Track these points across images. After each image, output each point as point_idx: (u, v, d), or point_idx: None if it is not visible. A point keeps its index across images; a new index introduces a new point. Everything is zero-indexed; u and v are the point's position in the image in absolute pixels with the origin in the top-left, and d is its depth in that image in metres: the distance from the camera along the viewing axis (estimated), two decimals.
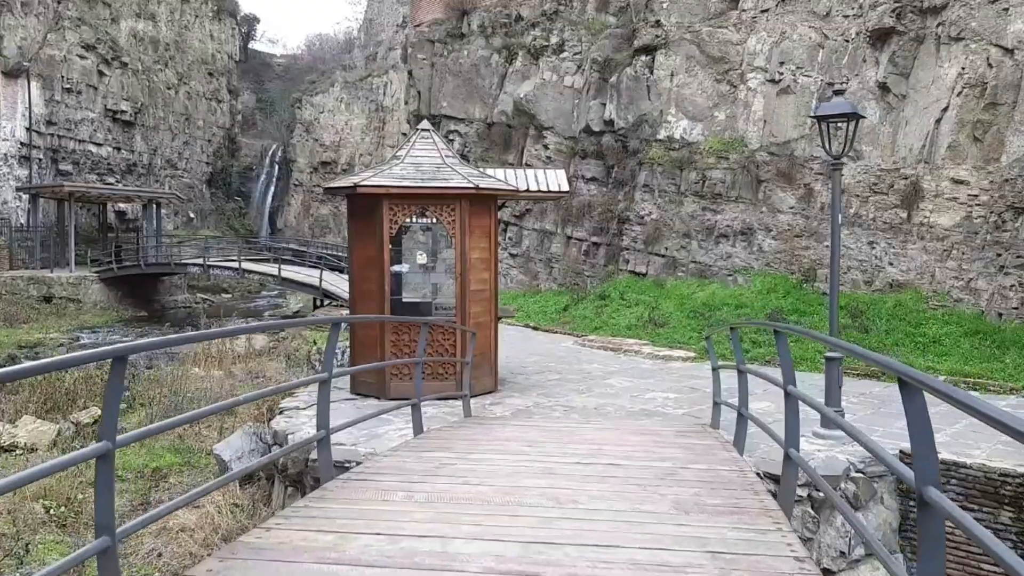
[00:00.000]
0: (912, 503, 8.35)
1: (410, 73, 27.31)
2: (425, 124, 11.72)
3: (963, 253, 14.82)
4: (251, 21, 75.40)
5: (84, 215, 42.42)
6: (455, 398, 9.72)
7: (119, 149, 45.09)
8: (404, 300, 11.71)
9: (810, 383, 11.81)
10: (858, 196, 16.80)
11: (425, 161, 11.00)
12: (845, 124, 8.62)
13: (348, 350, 12.08)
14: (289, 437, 9.23)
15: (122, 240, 41.19)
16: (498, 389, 11.46)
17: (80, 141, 41.70)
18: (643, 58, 21.13)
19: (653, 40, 20.81)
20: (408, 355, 10.90)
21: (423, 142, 11.33)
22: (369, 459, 6.13)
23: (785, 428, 4.88)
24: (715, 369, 8.98)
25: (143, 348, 3.71)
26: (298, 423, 9.74)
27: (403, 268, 11.06)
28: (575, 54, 23.28)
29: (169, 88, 50.69)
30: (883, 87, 16.51)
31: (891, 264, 15.79)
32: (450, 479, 5.20)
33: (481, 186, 10.48)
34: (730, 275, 18.64)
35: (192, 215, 52.32)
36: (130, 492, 12.59)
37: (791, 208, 18.07)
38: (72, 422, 15.03)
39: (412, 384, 10.79)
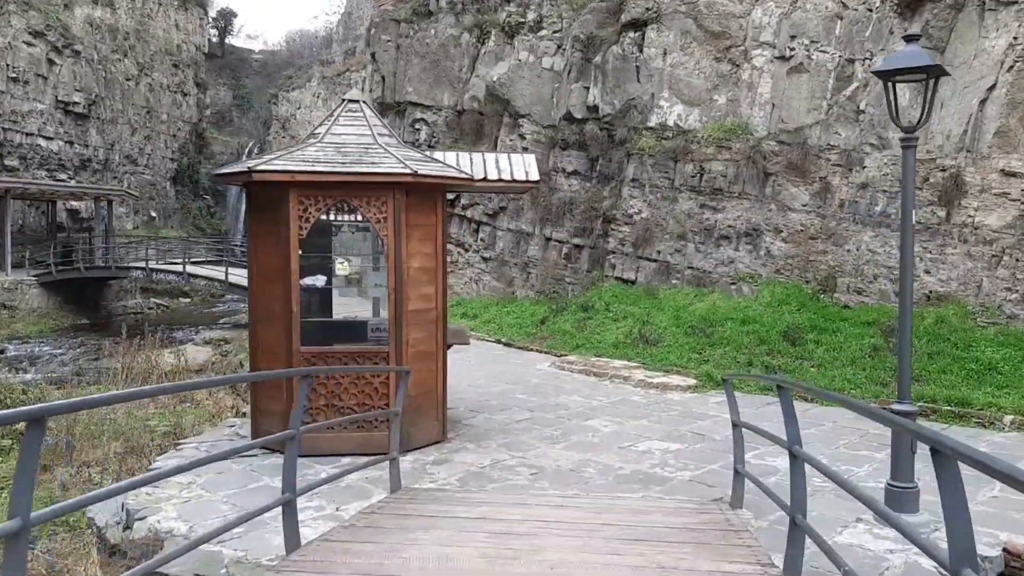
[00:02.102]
0: None
1: (373, 56, 24.58)
2: (354, 94, 9.06)
3: (1017, 259, 12.34)
4: (228, 16, 72.85)
5: (33, 214, 39.52)
6: (386, 457, 7.00)
7: (72, 143, 42.05)
8: (335, 320, 9.27)
9: (852, 431, 9.04)
10: (885, 191, 14.29)
11: (350, 140, 8.37)
12: (924, 82, 6.13)
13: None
14: (136, 524, 6.60)
15: (73, 240, 38.23)
16: (447, 438, 8.83)
17: (28, 134, 38.75)
18: (631, 34, 18.54)
19: (643, 14, 18.22)
20: (327, 396, 8.30)
21: (349, 116, 8.70)
22: None
23: None
24: (737, 426, 6.43)
25: None
26: (160, 497, 7.09)
27: (317, 281, 8.45)
28: (555, 32, 20.64)
29: (128, 79, 47.69)
30: None
31: (928, 272, 13.28)
32: None
33: (421, 172, 7.86)
34: (733, 284, 16.09)
35: (154, 214, 49.31)
36: None
37: (804, 206, 15.55)
38: None
39: (329, 437, 8.23)
